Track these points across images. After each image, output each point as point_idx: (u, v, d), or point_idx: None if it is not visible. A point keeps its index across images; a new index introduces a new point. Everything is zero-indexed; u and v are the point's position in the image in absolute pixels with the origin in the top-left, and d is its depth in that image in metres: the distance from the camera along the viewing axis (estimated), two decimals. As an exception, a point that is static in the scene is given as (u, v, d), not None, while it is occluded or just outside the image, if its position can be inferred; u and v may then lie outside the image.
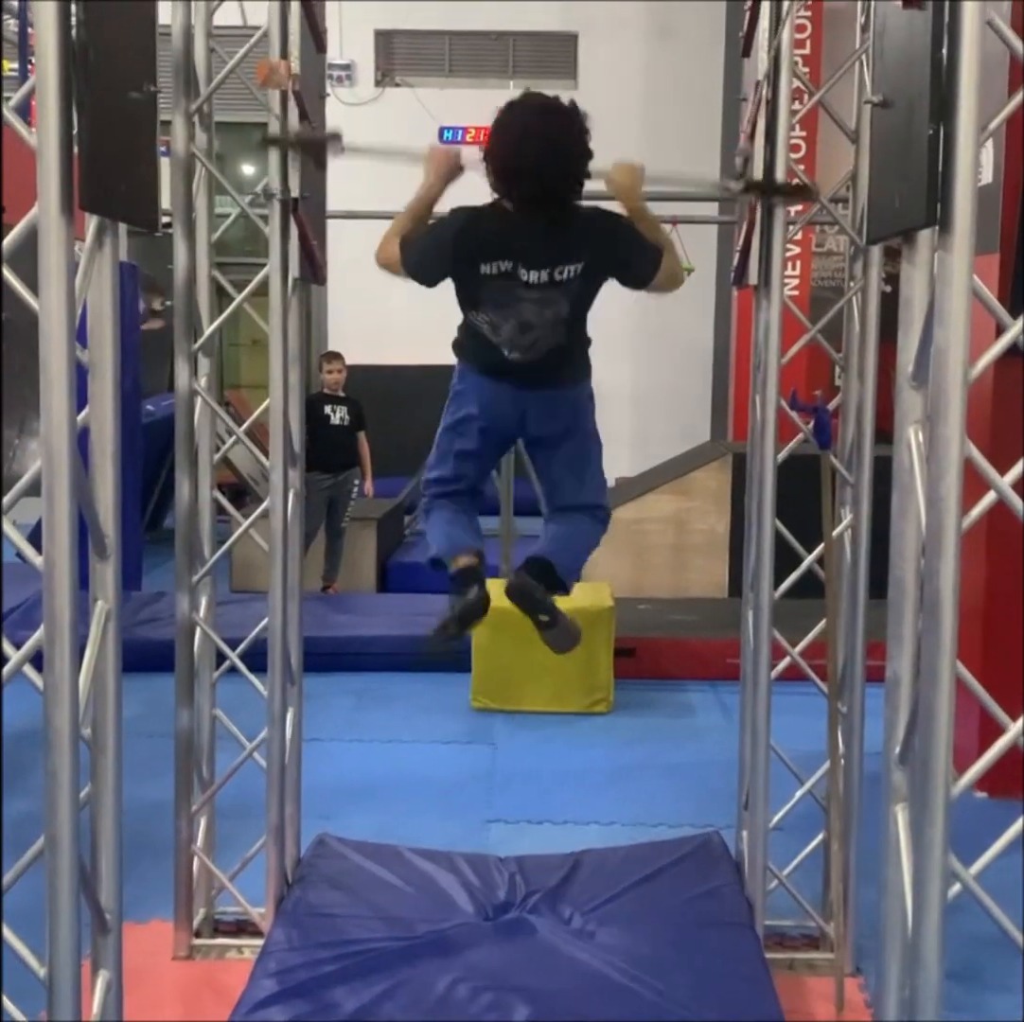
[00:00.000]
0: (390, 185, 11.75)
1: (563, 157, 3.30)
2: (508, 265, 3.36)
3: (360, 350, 11.10)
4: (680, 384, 12.75)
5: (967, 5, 2.15)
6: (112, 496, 2.47)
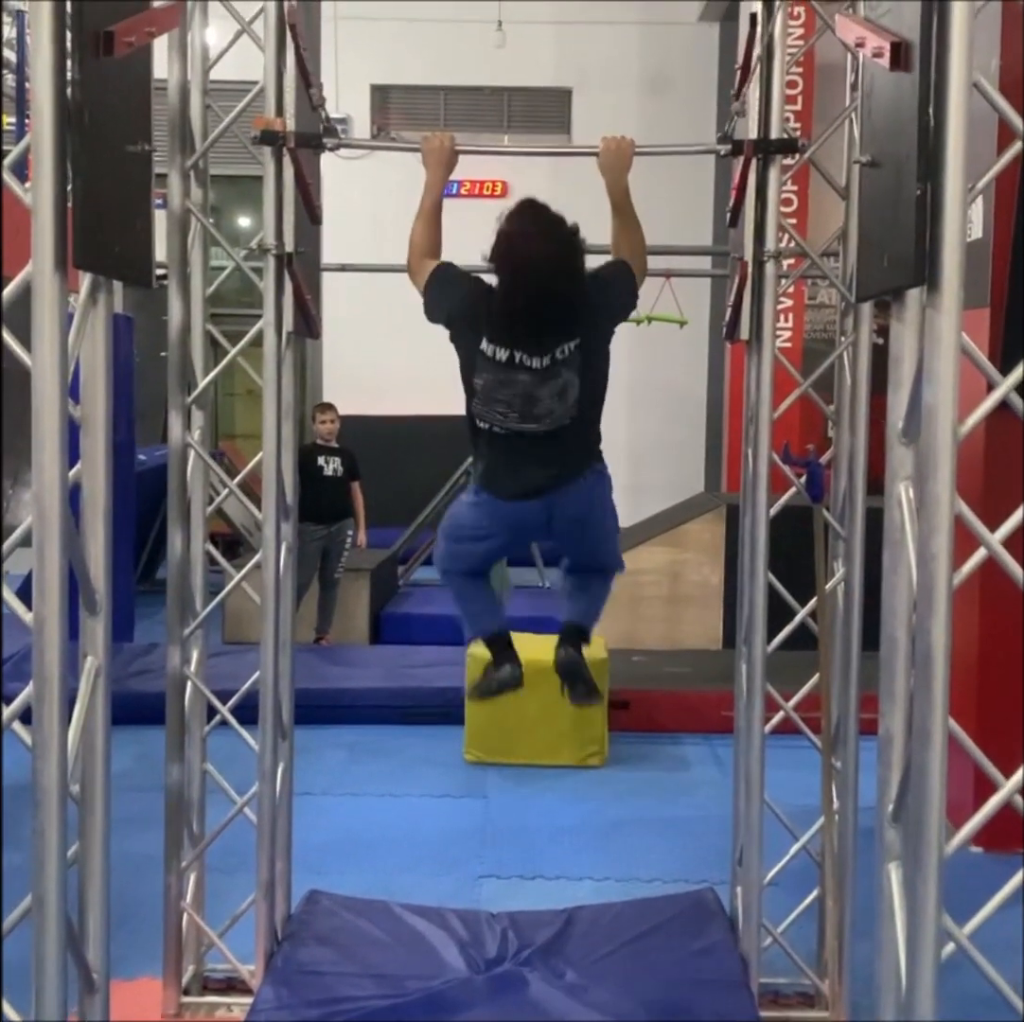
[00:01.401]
0: (384, 238, 11.86)
1: (562, 286, 3.38)
2: (505, 354, 3.44)
3: (354, 400, 11.13)
4: (674, 435, 12.79)
5: (954, 68, 2.18)
6: (103, 552, 2.47)
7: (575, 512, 3.61)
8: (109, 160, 2.36)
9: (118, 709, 2.73)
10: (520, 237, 3.39)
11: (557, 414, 3.46)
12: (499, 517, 3.62)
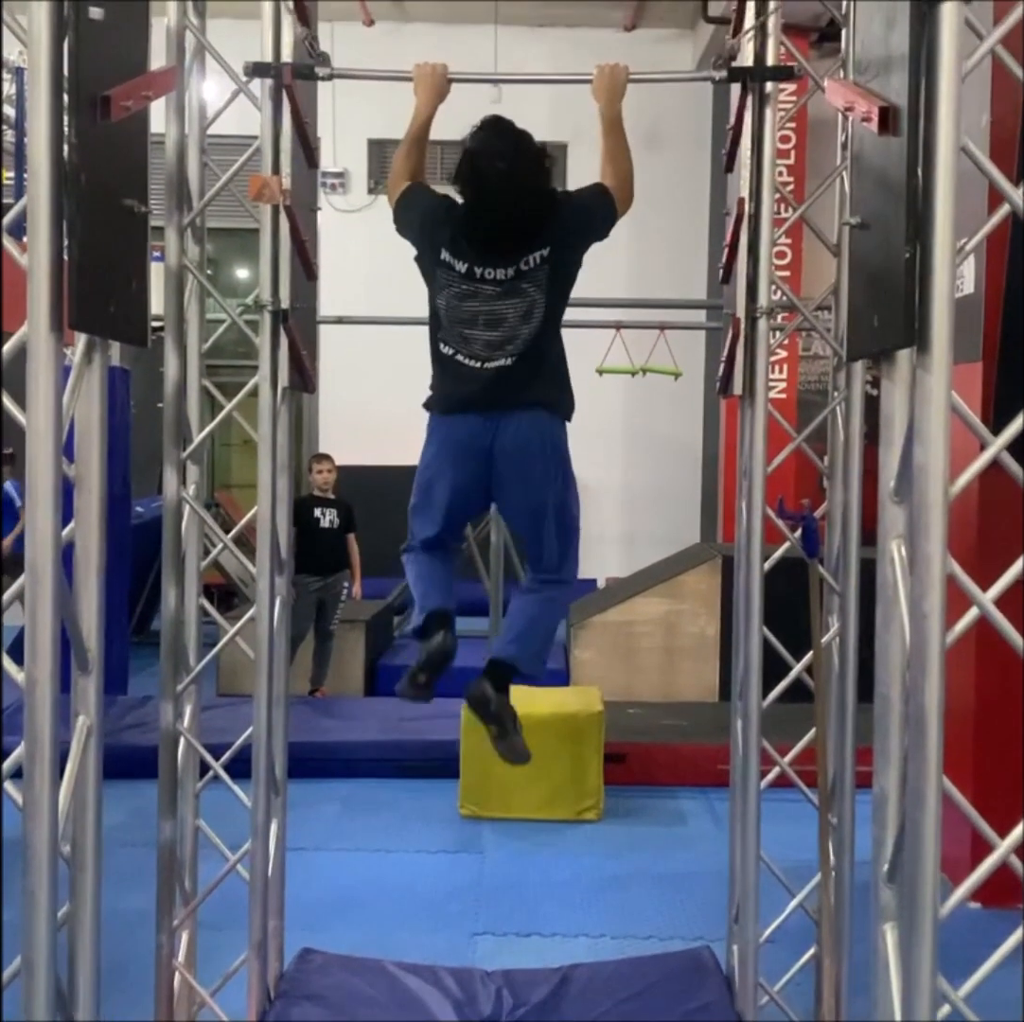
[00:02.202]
0: (381, 291, 11.92)
1: (525, 201, 3.41)
2: (464, 266, 3.46)
3: (351, 450, 11.17)
4: (670, 484, 12.81)
5: (941, 132, 2.20)
6: (96, 611, 2.47)
7: (519, 440, 3.48)
8: (105, 221, 2.38)
9: (112, 763, 2.73)
10: (483, 152, 3.42)
11: (522, 338, 3.43)
12: (446, 441, 3.54)
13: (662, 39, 12.36)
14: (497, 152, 3.40)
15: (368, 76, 4.19)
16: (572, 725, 6.07)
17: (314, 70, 3.87)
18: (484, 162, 3.40)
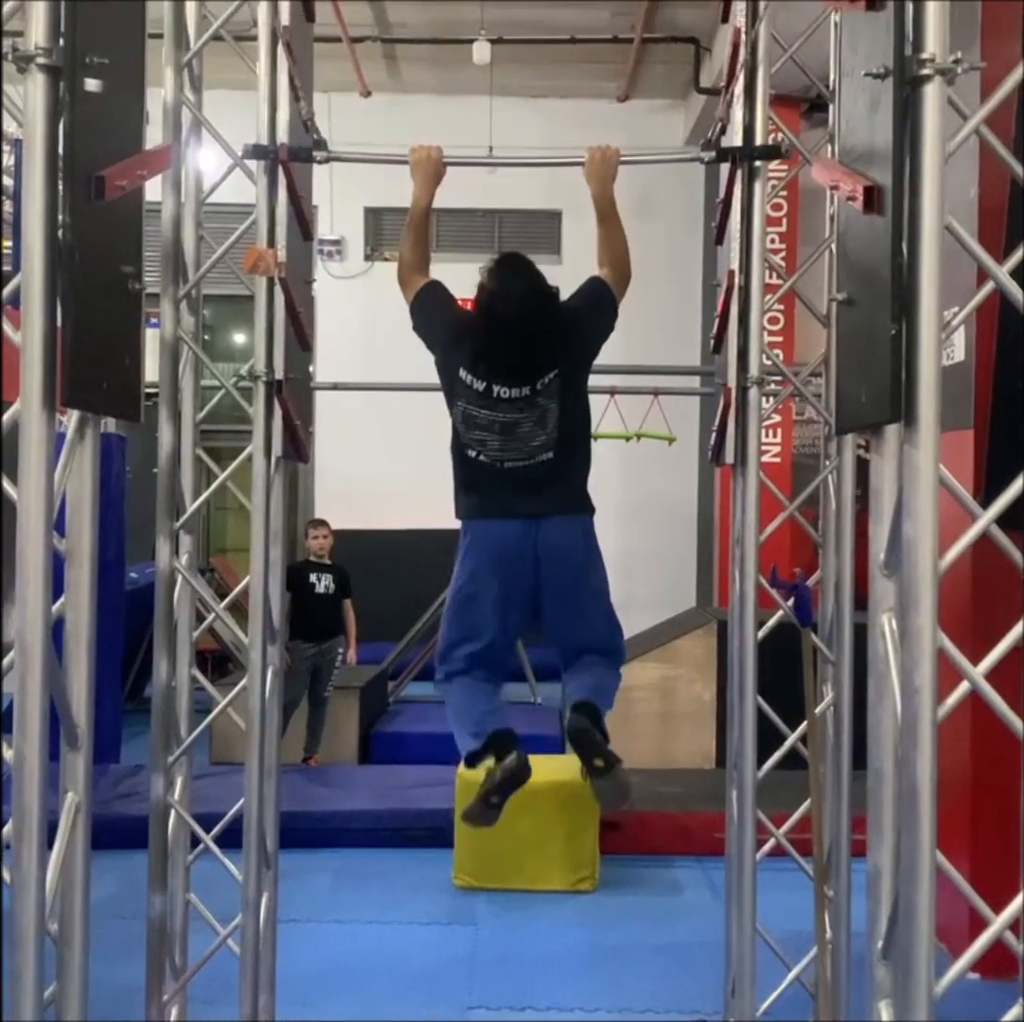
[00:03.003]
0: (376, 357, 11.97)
1: (538, 335, 3.51)
2: (482, 385, 3.54)
3: (347, 515, 11.17)
4: (665, 548, 12.81)
5: (926, 212, 2.23)
6: (86, 687, 2.46)
7: (562, 544, 3.58)
8: (99, 298, 2.40)
9: (103, 833, 2.71)
10: (501, 295, 3.51)
11: (539, 440, 3.51)
12: (487, 547, 3.55)
13: (655, 109, 12.53)
14: (514, 296, 3.50)
15: (363, 159, 4.24)
16: (567, 793, 6.02)
17: (311, 154, 3.93)
18: (501, 305, 3.49)
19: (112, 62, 2.48)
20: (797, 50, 4.17)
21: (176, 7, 3.95)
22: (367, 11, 10.43)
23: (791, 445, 11.55)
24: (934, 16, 2.27)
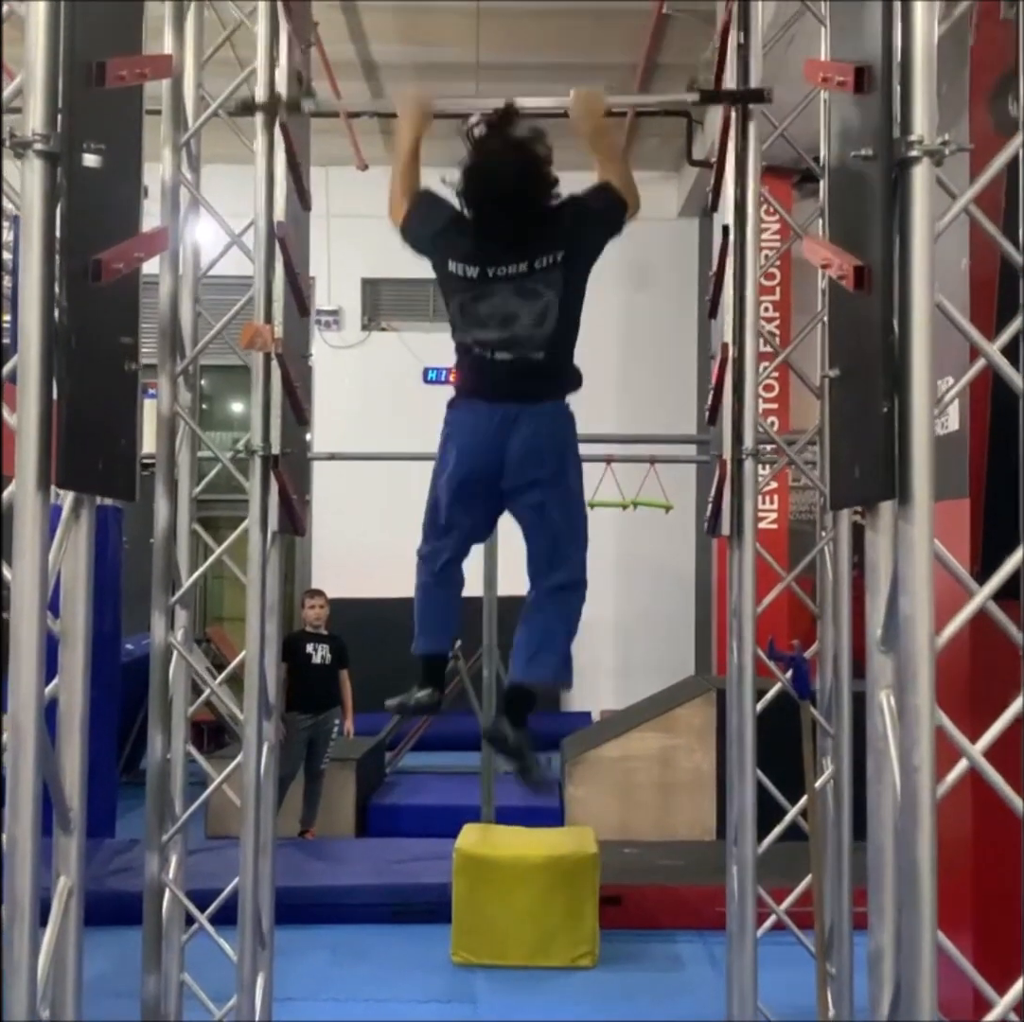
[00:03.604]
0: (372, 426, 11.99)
1: (527, 198, 3.43)
2: (475, 271, 3.46)
3: (343, 583, 11.15)
4: (663, 615, 12.78)
5: (916, 291, 2.25)
6: (79, 769, 2.44)
7: (536, 434, 3.49)
8: (96, 380, 2.41)
9: (97, 909, 2.69)
10: (482, 153, 3.44)
11: (537, 339, 3.45)
12: (464, 433, 3.53)
13: (648, 181, 12.61)
14: (497, 149, 3.42)
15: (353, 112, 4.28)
16: (566, 868, 5.96)
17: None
18: (484, 159, 3.42)
19: (109, 146, 2.51)
20: (787, 123, 4.22)
21: (174, 87, 4.01)
22: (364, 87, 10.58)
23: (787, 511, 11.55)
24: (921, 99, 2.31)
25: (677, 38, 9.25)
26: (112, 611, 7.90)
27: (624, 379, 12.02)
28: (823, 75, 2.77)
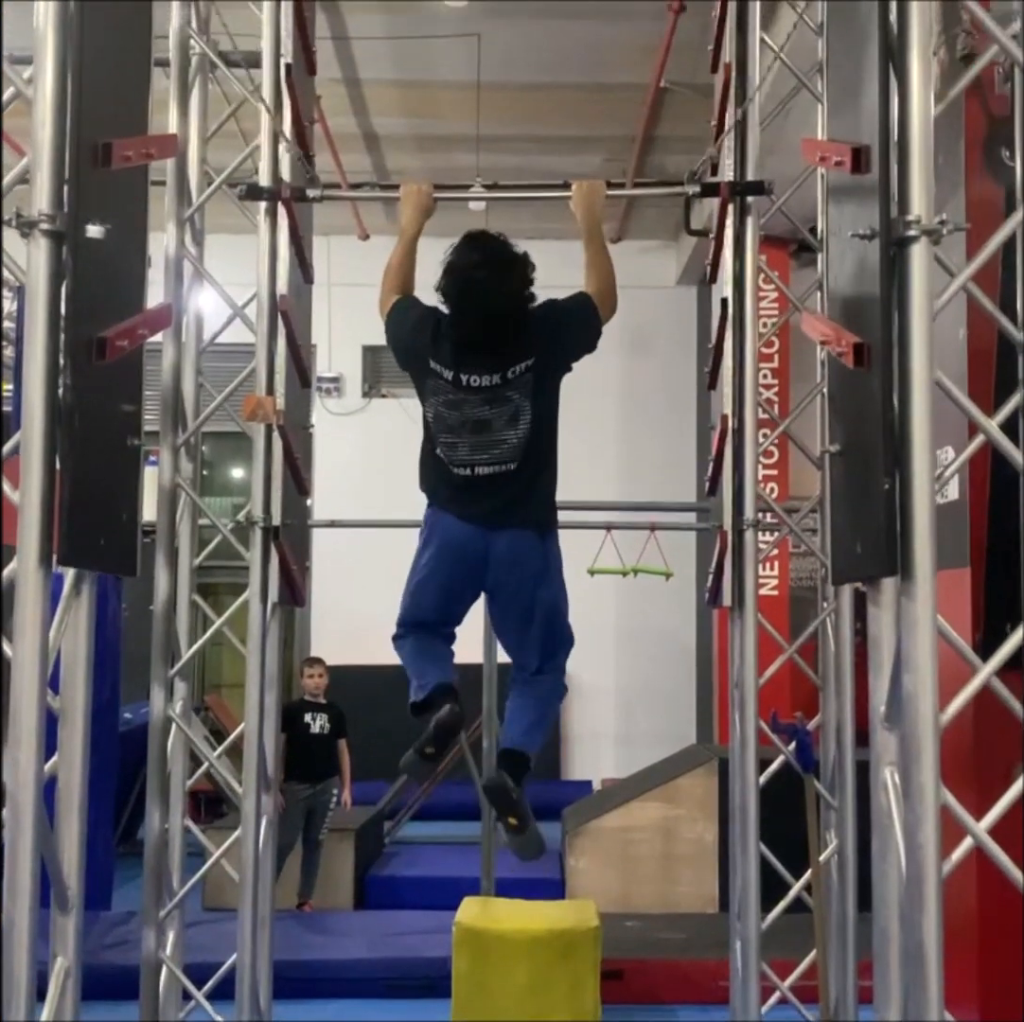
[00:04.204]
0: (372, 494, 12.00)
1: (503, 308, 3.43)
2: (450, 374, 3.46)
3: (342, 651, 11.10)
4: (664, 682, 12.72)
5: (916, 369, 2.27)
6: (77, 848, 2.42)
7: (517, 558, 3.47)
8: (98, 457, 2.42)
9: (93, 983, 2.65)
10: (461, 263, 3.46)
11: (509, 445, 3.42)
12: (445, 535, 3.50)
13: (647, 250, 12.77)
14: (475, 262, 3.45)
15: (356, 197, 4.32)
16: (567, 941, 5.87)
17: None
18: (462, 272, 3.45)
19: (114, 223, 2.54)
20: (784, 192, 4.26)
21: (178, 162, 4.05)
22: (366, 158, 10.71)
23: (788, 577, 11.53)
24: (919, 179, 2.33)
25: (674, 111, 9.36)
26: (110, 680, 7.86)
27: (623, 446, 12.05)
28: (821, 154, 2.80)
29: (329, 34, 7.98)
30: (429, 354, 3.52)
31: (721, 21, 4.01)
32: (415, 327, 3.59)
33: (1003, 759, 4.37)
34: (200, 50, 4.16)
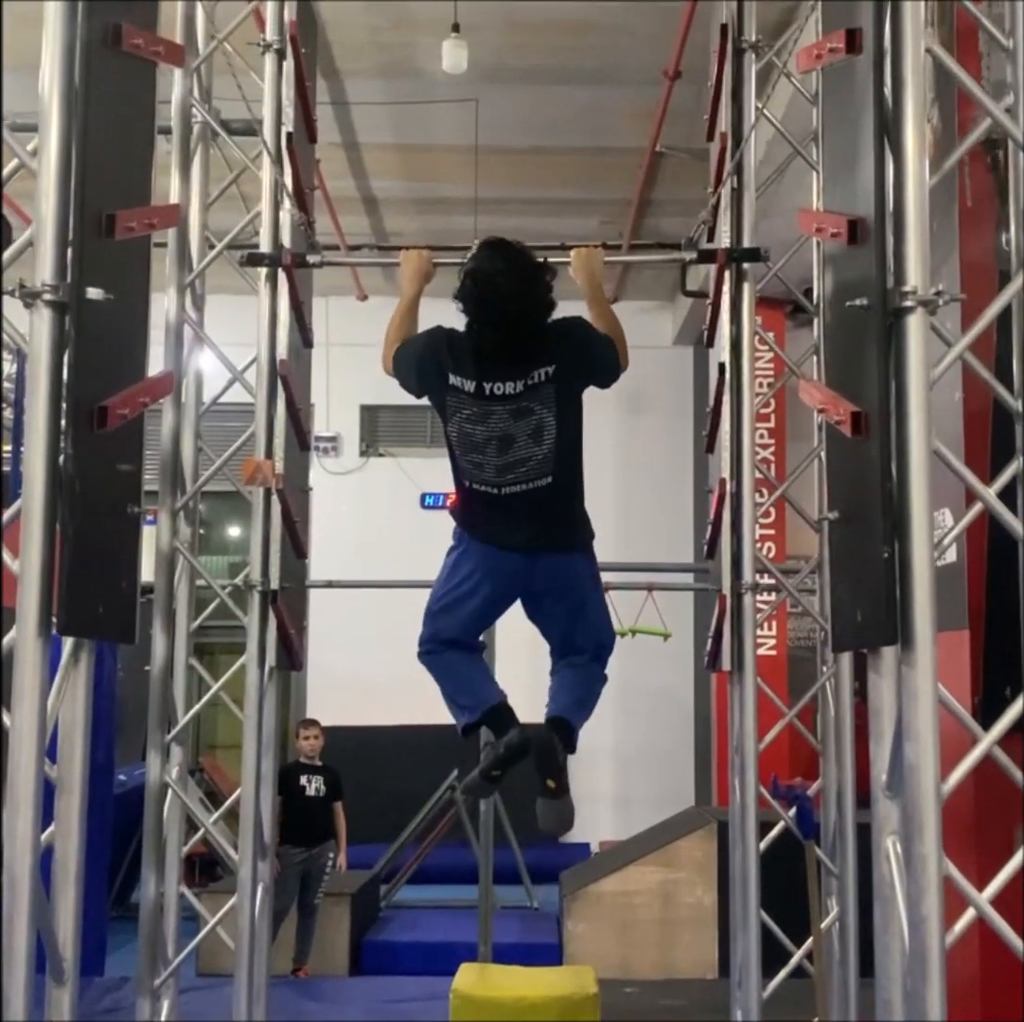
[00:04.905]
0: (370, 553, 11.95)
1: (526, 312, 3.41)
2: (472, 385, 3.41)
3: (338, 711, 11.04)
4: (662, 743, 12.65)
5: (913, 438, 2.27)
6: (73, 920, 2.40)
7: (559, 580, 3.46)
8: (98, 525, 2.42)
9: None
10: (482, 269, 3.42)
11: (535, 461, 3.38)
12: (484, 561, 3.46)
13: (644, 310, 12.85)
14: (498, 268, 3.42)
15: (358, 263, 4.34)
16: (566, 1008, 5.79)
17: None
18: (484, 278, 3.41)
19: (117, 293, 2.55)
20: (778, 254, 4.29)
21: (180, 230, 4.08)
22: (364, 220, 10.80)
23: (786, 637, 11.50)
24: (914, 251, 2.35)
25: (669, 174, 9.45)
26: (105, 742, 7.80)
27: (621, 505, 12.06)
28: (817, 225, 2.83)
29: (329, 99, 8.08)
30: (449, 369, 3.47)
31: (717, 90, 4.06)
32: (428, 348, 3.55)
33: (1003, 822, 4.34)
34: (202, 118, 4.21)
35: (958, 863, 2.33)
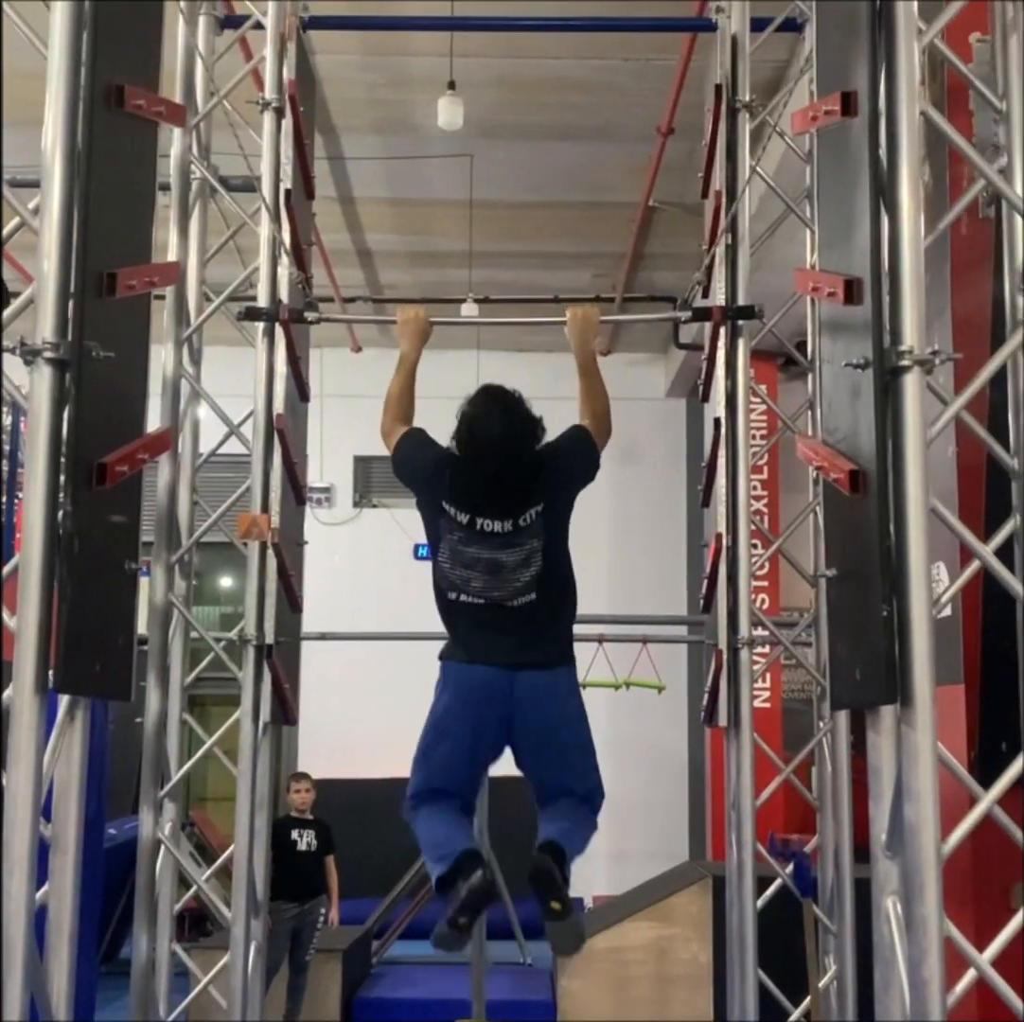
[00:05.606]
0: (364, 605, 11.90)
1: (518, 469, 3.45)
2: (465, 518, 3.45)
3: (330, 764, 10.97)
4: (656, 796, 12.57)
5: (911, 496, 2.28)
6: (67, 980, 2.37)
7: (540, 697, 3.42)
8: (95, 581, 2.41)
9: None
10: (479, 421, 3.45)
11: (523, 582, 3.41)
12: (466, 683, 3.43)
13: (636, 362, 12.91)
14: (493, 420, 3.46)
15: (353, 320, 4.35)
16: (560, 1067, 5.75)
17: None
18: (480, 429, 3.45)
19: (117, 350, 2.56)
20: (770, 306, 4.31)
21: (177, 286, 4.10)
22: (359, 273, 10.87)
23: (780, 690, 11.47)
24: (910, 311, 2.37)
25: (662, 228, 9.53)
26: (96, 796, 7.71)
27: (614, 557, 12.06)
28: (813, 285, 2.85)
29: (325, 154, 8.15)
30: (444, 498, 3.53)
31: (711, 149, 4.10)
32: (429, 467, 3.59)
33: (1000, 877, 4.31)
34: (200, 175, 4.24)
35: (955, 919, 2.31)
